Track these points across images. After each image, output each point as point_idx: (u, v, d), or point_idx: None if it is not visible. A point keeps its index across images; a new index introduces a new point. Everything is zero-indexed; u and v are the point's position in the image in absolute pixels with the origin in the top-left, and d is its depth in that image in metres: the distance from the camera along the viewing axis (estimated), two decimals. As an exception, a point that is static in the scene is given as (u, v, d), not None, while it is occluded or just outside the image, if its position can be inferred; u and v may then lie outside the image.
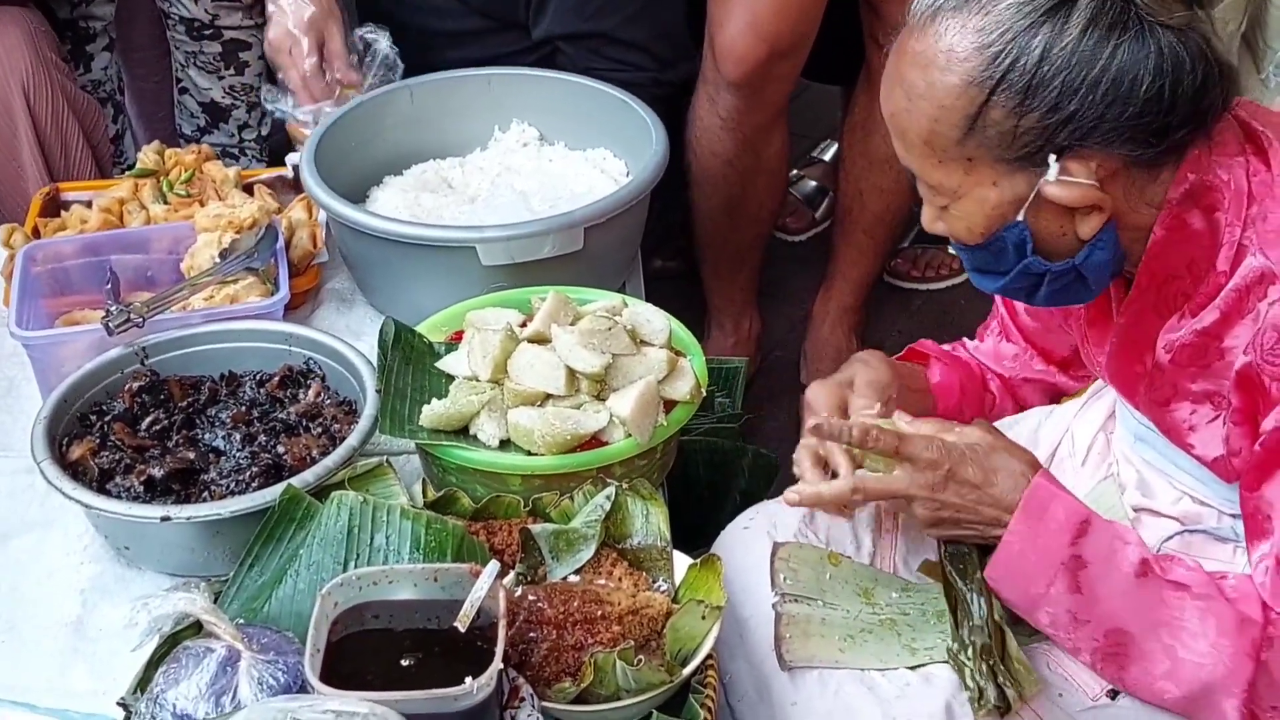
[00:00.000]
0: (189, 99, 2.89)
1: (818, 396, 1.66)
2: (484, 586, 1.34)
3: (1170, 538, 1.56)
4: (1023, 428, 1.81)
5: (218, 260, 1.93)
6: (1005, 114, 1.33)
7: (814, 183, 3.48)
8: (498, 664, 1.28)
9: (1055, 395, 1.82)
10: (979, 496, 1.45)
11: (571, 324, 1.68)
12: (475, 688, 1.26)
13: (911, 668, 1.52)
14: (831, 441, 1.51)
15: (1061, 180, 1.35)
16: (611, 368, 1.64)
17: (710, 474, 2.14)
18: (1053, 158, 1.34)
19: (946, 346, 1.85)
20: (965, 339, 1.86)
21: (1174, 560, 1.45)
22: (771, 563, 1.61)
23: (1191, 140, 1.36)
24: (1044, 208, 1.38)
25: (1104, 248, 1.40)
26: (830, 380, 1.69)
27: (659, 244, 3.18)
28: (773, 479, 2.13)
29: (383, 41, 2.36)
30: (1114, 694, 1.48)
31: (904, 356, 1.81)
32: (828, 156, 3.48)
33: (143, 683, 1.38)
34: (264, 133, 2.91)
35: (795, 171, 3.46)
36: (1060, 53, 1.30)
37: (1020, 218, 1.38)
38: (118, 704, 1.38)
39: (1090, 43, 1.30)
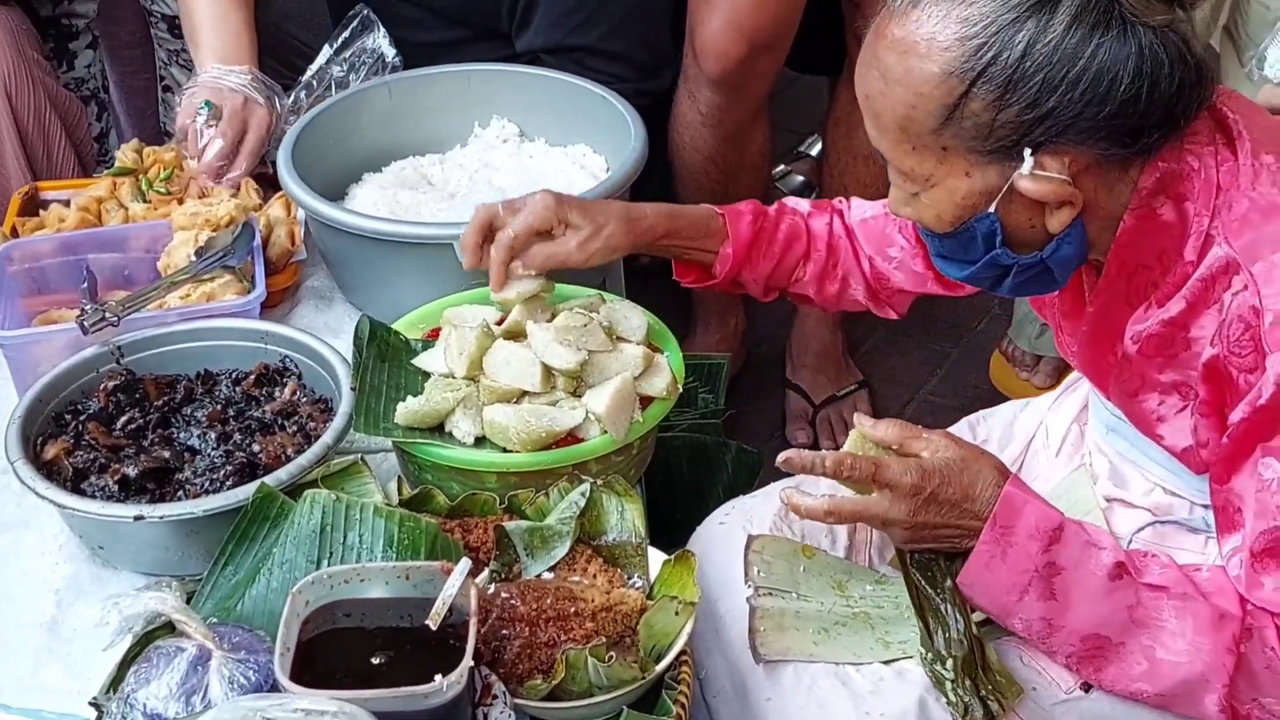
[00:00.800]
0: (173, 97, 2.88)
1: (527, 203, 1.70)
2: (455, 584, 1.34)
3: (1142, 529, 1.56)
4: (999, 419, 1.80)
5: (194, 258, 1.93)
6: (984, 107, 1.32)
7: (800, 178, 3.47)
8: (468, 661, 1.28)
9: (917, 296, 1.80)
10: (959, 513, 1.43)
11: (548, 320, 1.68)
12: (445, 685, 1.26)
13: (885, 662, 1.52)
14: (803, 473, 1.46)
15: (1035, 175, 1.34)
16: (587, 364, 1.64)
17: (693, 470, 2.13)
18: (1028, 152, 1.33)
19: (802, 204, 1.82)
20: (856, 201, 1.81)
21: (1148, 559, 1.44)
22: (745, 555, 1.60)
23: (1164, 142, 1.36)
24: (1015, 200, 1.37)
25: (1071, 242, 1.39)
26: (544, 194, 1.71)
27: (645, 240, 3.17)
28: (755, 475, 2.13)
29: (385, 45, 2.35)
30: (1087, 687, 1.48)
31: (719, 210, 1.78)
32: (814, 152, 3.48)
33: (115, 682, 1.38)
34: (249, 131, 2.90)
35: (782, 167, 3.46)
36: (1043, 49, 1.29)
37: (991, 209, 1.38)
38: (90, 704, 1.37)
39: (1073, 40, 1.29)
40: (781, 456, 1.45)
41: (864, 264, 1.79)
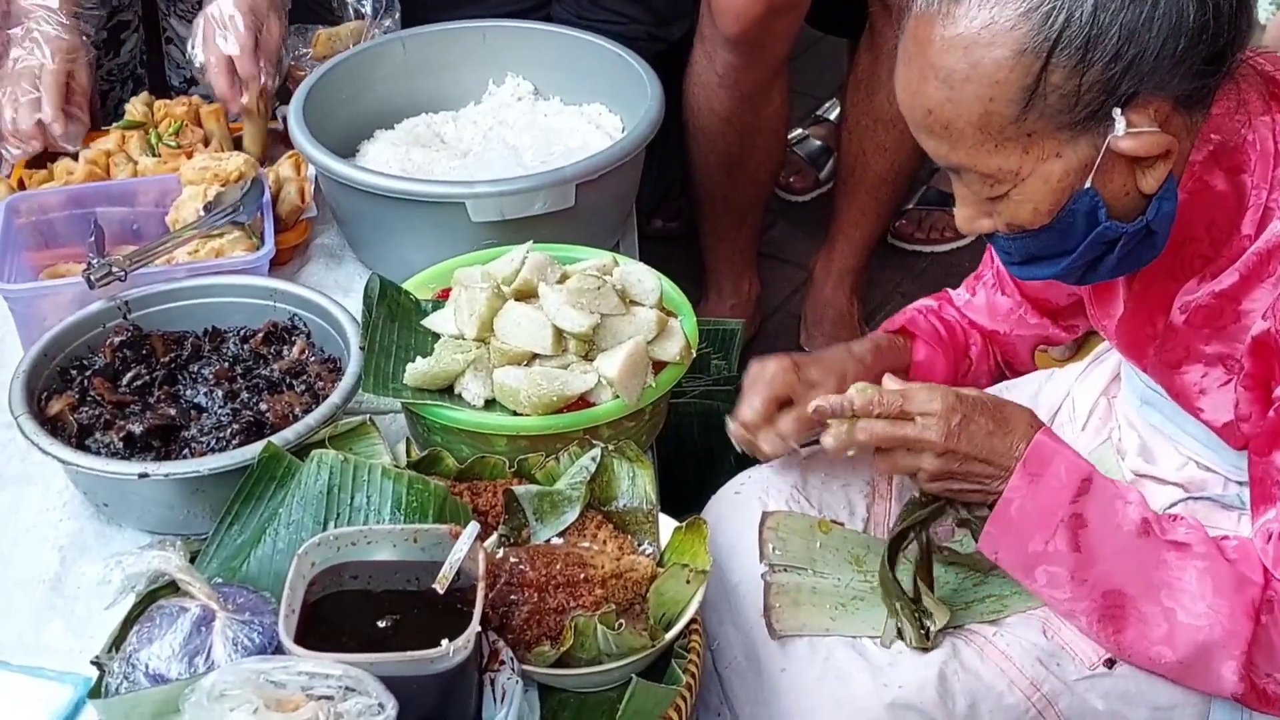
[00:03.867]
0: (173, 49, 2.84)
1: (764, 373, 1.59)
2: (463, 548, 1.31)
3: (1173, 505, 1.54)
4: (1022, 391, 1.77)
5: (202, 214, 1.90)
6: (1067, 74, 1.27)
7: (819, 142, 3.43)
8: (474, 627, 1.26)
9: (1040, 345, 1.78)
10: (991, 449, 1.41)
11: (560, 282, 1.65)
12: (451, 650, 1.24)
13: (903, 634, 1.50)
14: (833, 418, 1.45)
15: (1130, 132, 1.29)
16: (600, 328, 1.61)
17: (704, 437, 2.11)
18: (1117, 111, 1.29)
19: (930, 301, 1.78)
20: (950, 291, 1.79)
21: (1175, 520, 1.42)
22: (760, 532, 1.58)
23: (1239, 62, 1.32)
24: (1110, 168, 1.32)
25: (1170, 198, 1.35)
26: (777, 357, 1.61)
27: (659, 204, 3.15)
28: (768, 443, 2.10)
29: None
30: (1111, 663, 1.46)
31: (890, 329, 1.76)
32: (833, 116, 3.43)
33: (117, 641, 1.36)
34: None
35: (800, 130, 3.42)
36: None
37: (1089, 184, 1.32)
38: (92, 663, 1.36)
39: None
40: (811, 406, 1.44)
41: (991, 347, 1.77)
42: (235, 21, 2.08)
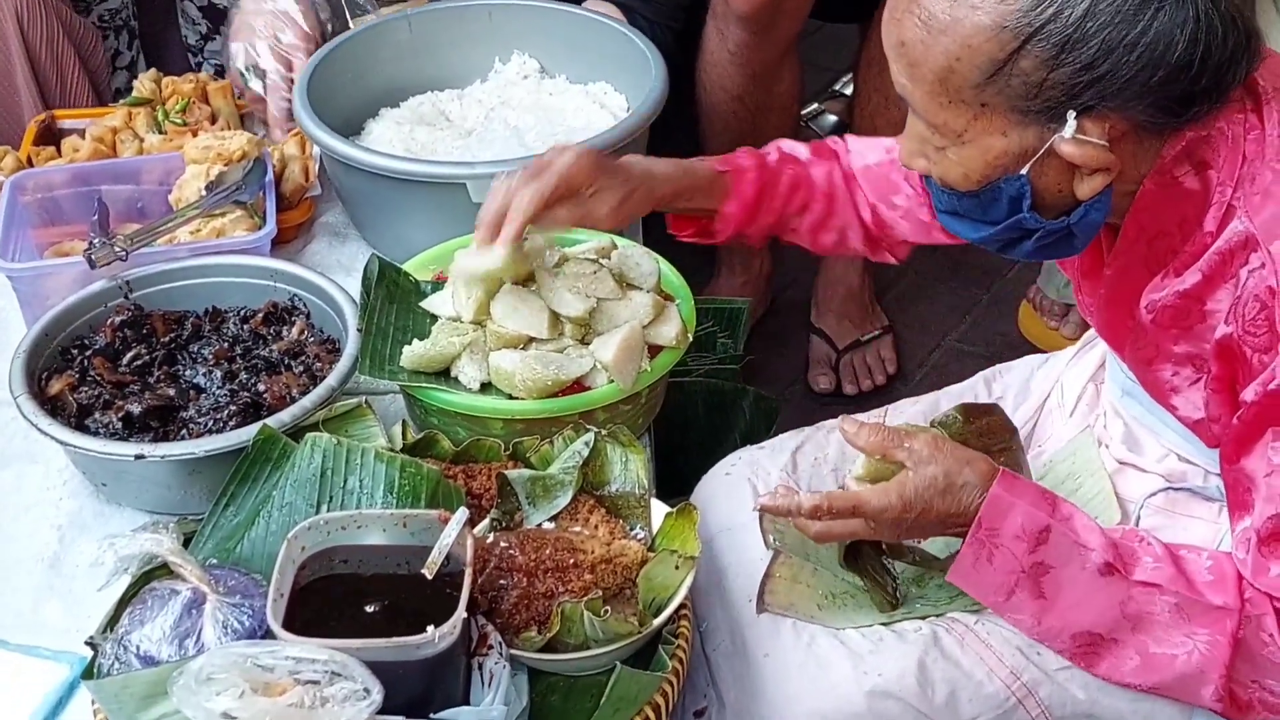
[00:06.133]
0: (190, 5, 2.83)
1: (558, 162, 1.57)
2: (452, 534, 1.32)
3: (1155, 494, 1.53)
4: (1014, 376, 1.77)
5: (204, 193, 1.91)
6: (1035, 65, 1.26)
7: (834, 117, 3.40)
8: (460, 613, 1.26)
9: (917, 244, 1.75)
10: (945, 526, 1.40)
11: (558, 266, 1.65)
12: (437, 636, 1.24)
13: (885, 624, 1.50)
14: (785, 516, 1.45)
15: (1076, 139, 1.29)
16: (596, 312, 1.61)
17: (709, 416, 2.11)
18: (1071, 115, 1.28)
19: (803, 152, 1.75)
20: (849, 138, 1.76)
21: (1139, 550, 1.39)
22: (761, 522, 1.57)
23: (1212, 111, 1.31)
24: (1049, 164, 1.32)
25: (1099, 209, 1.35)
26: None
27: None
28: (773, 422, 2.10)
29: None
30: (1091, 654, 1.45)
31: (720, 165, 1.71)
32: (849, 91, 3.40)
33: (111, 622, 1.38)
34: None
35: (815, 106, 3.40)
36: (1106, 8, 1.23)
37: (1024, 171, 1.32)
38: (85, 643, 1.37)
39: (1136, 1, 1.24)
40: (760, 501, 1.43)
41: (864, 213, 1.74)
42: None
